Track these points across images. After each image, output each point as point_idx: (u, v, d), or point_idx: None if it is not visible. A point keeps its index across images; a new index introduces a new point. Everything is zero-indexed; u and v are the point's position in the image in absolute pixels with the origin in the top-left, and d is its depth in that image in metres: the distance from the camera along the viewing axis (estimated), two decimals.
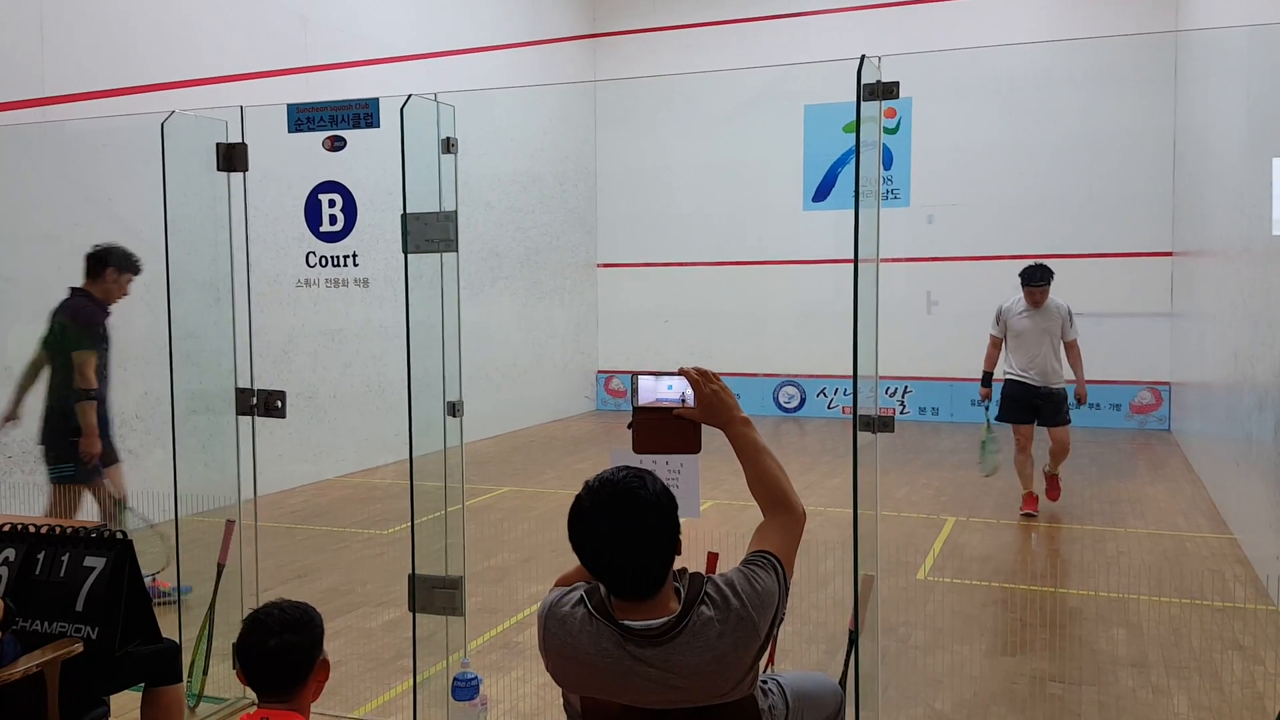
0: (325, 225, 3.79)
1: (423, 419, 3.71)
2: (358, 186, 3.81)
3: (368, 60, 9.94)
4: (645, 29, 14.21)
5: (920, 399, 12.94)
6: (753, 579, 2.10)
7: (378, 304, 7.87)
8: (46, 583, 2.95)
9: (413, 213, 3.55)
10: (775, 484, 2.30)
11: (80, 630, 2.89)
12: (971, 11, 12.80)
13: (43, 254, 7.09)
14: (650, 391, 2.36)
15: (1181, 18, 11.75)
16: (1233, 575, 6.03)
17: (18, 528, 3.07)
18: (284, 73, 8.87)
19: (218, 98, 7.94)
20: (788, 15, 13.56)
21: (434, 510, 3.75)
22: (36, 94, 6.83)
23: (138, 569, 3.00)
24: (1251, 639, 4.90)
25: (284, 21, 8.97)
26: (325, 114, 3.66)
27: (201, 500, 4.08)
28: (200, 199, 3.96)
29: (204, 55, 8.06)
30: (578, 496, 2.08)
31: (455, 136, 3.68)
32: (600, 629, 2.03)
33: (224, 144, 3.94)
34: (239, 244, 4.05)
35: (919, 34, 12.86)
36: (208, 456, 4.10)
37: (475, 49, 11.74)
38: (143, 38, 7.57)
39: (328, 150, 3.78)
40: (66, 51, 7.01)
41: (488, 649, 4.83)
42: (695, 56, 13.81)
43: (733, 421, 2.34)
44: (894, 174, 12.75)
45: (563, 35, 13.76)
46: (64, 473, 5.39)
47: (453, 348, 3.79)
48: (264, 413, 4.02)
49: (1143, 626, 5.09)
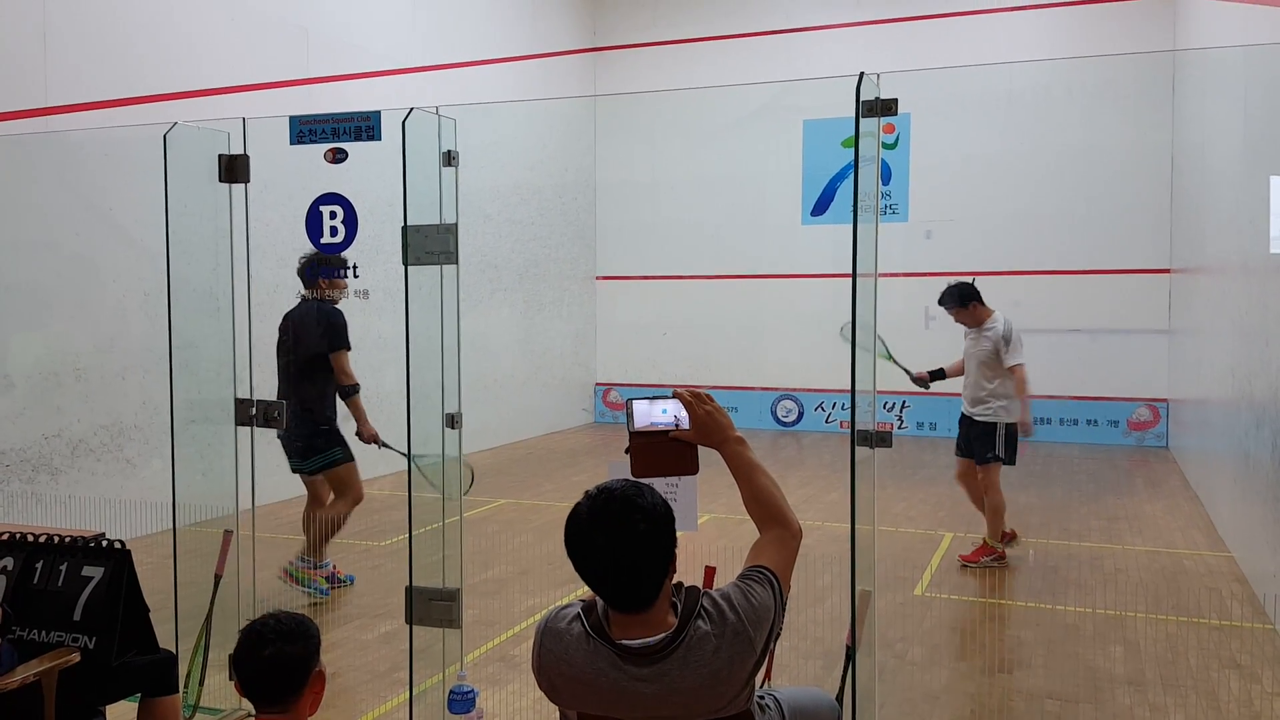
0: (326, 237, 3.80)
1: (421, 430, 3.72)
2: (357, 198, 3.83)
3: (369, 72, 9.98)
4: (645, 43, 14.28)
5: (918, 414, 12.95)
6: (749, 594, 2.11)
7: (377, 315, 7.88)
8: (44, 592, 2.95)
9: (413, 225, 3.57)
10: (771, 501, 2.31)
11: (78, 640, 2.89)
12: (970, 28, 12.86)
13: (44, 263, 7.10)
14: (645, 415, 2.37)
15: (1179, 36, 11.82)
16: (1230, 593, 6.03)
17: (16, 536, 3.07)
18: (285, 84, 8.91)
19: (219, 109, 7.97)
20: (787, 30, 13.62)
21: (431, 522, 3.75)
22: (39, 104, 6.85)
23: (135, 578, 3.01)
24: (1249, 657, 4.90)
25: (286, 33, 9.01)
26: (327, 126, 3.68)
27: (199, 510, 4.08)
28: (201, 210, 3.97)
29: (206, 67, 8.09)
30: (576, 504, 2.09)
31: (456, 150, 3.70)
32: (596, 648, 2.03)
33: (226, 155, 3.96)
34: (239, 254, 4.06)
35: (918, 50, 12.92)
36: (206, 466, 4.10)
37: (476, 62, 11.79)
38: (145, 49, 7.60)
39: (329, 162, 3.80)
40: (69, 62, 7.04)
41: (484, 661, 4.82)
42: (695, 70, 13.87)
43: (727, 441, 2.35)
44: (893, 189, 12.80)
45: (563, 49, 13.82)
46: (316, 464, 5.78)
47: (452, 360, 3.80)
48: (263, 423, 4.02)
49: (1140, 644, 5.08)
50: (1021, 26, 12.75)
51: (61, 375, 7.07)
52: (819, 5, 13.58)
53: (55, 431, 6.99)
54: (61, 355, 7.10)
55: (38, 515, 6.62)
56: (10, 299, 6.92)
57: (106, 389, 7.32)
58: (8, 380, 6.86)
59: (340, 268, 5.42)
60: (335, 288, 5.70)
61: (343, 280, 5.67)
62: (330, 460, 5.77)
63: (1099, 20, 12.45)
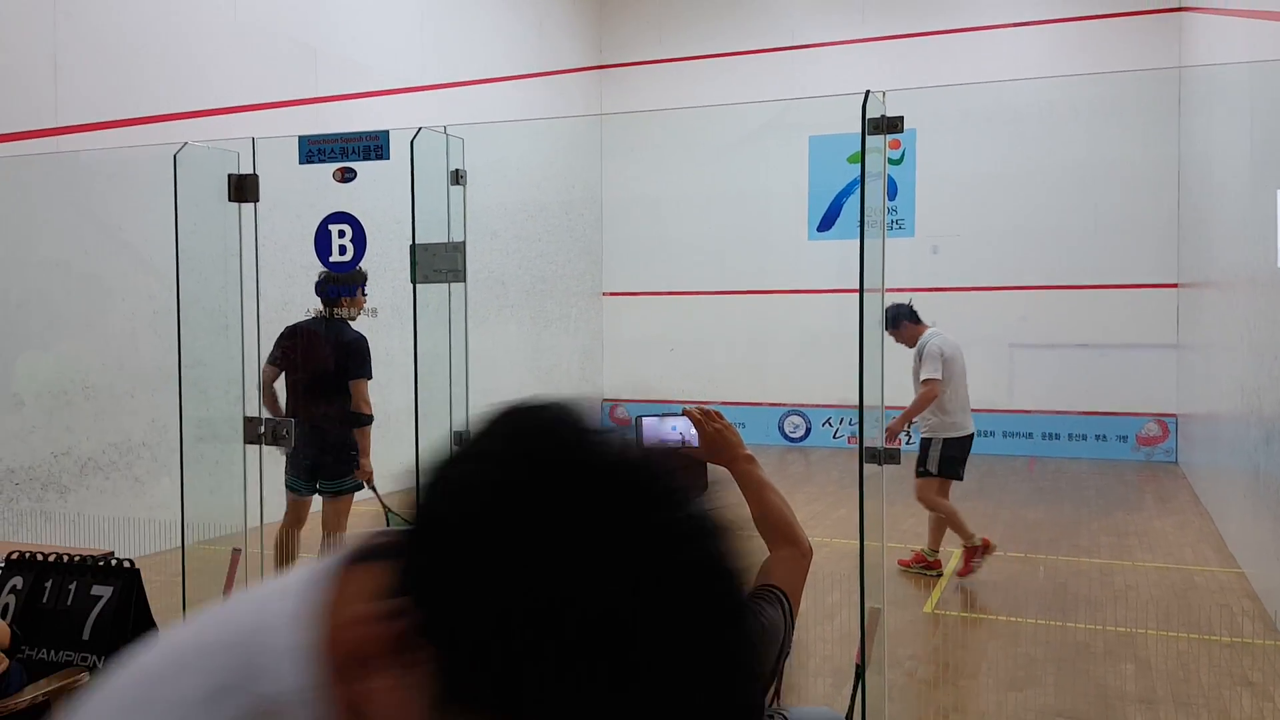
0: (335, 255, 3.82)
1: (430, 448, 3.72)
2: (365, 216, 3.85)
3: (377, 91, 10.04)
4: (652, 60, 14.34)
5: None
6: (758, 613, 2.10)
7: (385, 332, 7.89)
8: (53, 611, 2.96)
9: (421, 244, 3.58)
10: (781, 520, 2.30)
11: (86, 659, 2.89)
12: (976, 44, 12.90)
13: (54, 282, 7.14)
14: (654, 432, 2.37)
15: (1184, 52, 11.84)
16: (1241, 610, 5.99)
17: (25, 555, 3.08)
18: (294, 103, 8.96)
19: (228, 128, 8.01)
20: (793, 48, 13.68)
21: None
22: (50, 124, 6.90)
23: (144, 597, 3.01)
24: (1261, 675, 4.86)
25: (294, 53, 9.07)
26: (336, 146, 3.70)
27: (208, 528, 4.08)
28: (211, 229, 4.00)
29: (215, 86, 8.15)
30: None
31: (464, 168, 3.72)
32: None
33: (235, 175, 3.98)
34: (249, 273, 4.08)
35: (924, 66, 12.96)
36: (214, 484, 4.11)
37: (483, 80, 11.85)
38: (154, 69, 7.66)
39: (338, 181, 3.82)
40: (79, 82, 7.09)
41: None
42: (701, 88, 13.92)
43: (737, 460, 2.35)
44: (899, 204, 12.81)
45: (570, 67, 13.89)
46: (347, 485, 5.71)
47: (460, 377, 3.81)
48: (271, 441, 4.03)
49: (1151, 662, 5.05)
50: (1027, 43, 12.79)
51: (71, 393, 7.10)
52: (824, 23, 13.64)
53: (64, 449, 7.01)
54: (71, 373, 7.13)
55: (47, 533, 6.63)
56: (20, 317, 6.95)
57: (116, 407, 7.34)
58: (17, 398, 6.89)
59: (360, 285, 5.42)
60: (355, 305, 5.65)
61: (363, 299, 5.65)
62: (355, 484, 5.71)
63: (1105, 36, 12.47)
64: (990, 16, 12.93)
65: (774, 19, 13.83)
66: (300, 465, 5.69)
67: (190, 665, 0.69)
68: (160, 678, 0.69)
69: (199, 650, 0.70)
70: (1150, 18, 12.25)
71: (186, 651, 0.71)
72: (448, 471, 0.66)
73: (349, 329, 5.54)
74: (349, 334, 5.53)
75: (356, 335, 5.56)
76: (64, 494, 6.96)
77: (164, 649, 0.72)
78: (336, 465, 5.65)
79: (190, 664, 0.69)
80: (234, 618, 0.73)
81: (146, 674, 0.70)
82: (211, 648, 0.70)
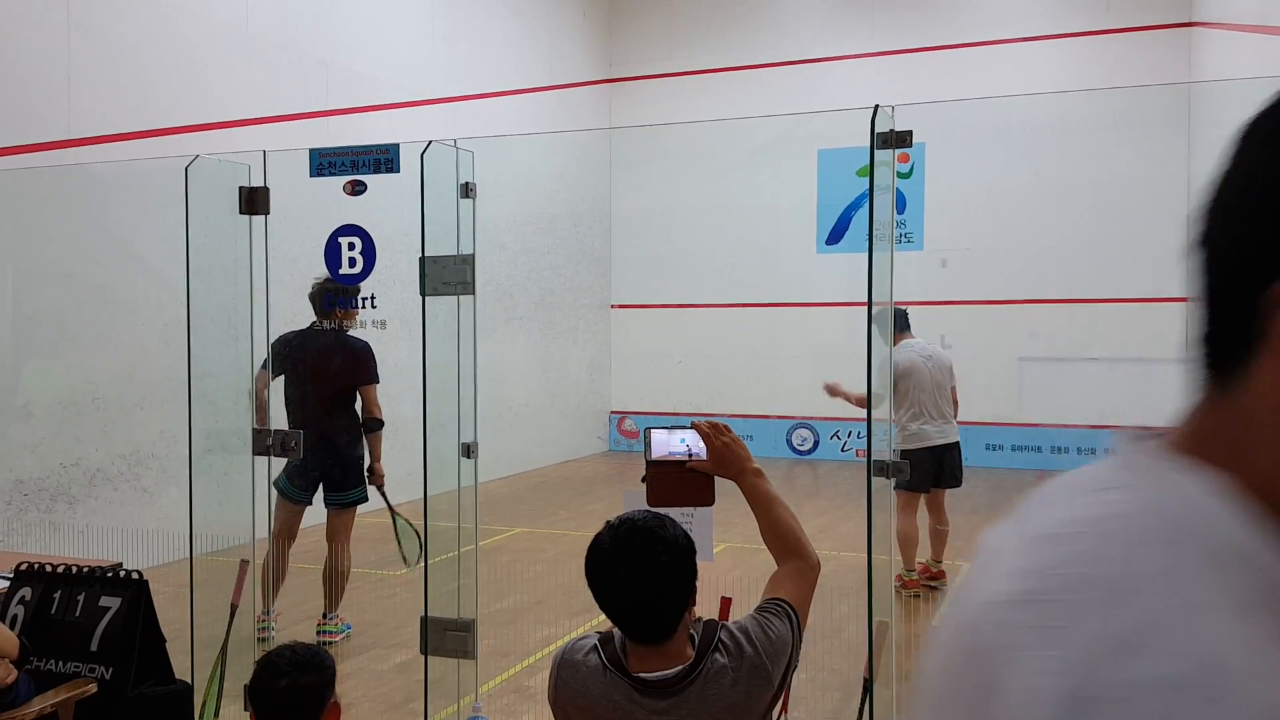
0: (345, 268, 3.83)
1: (437, 459, 3.72)
2: (375, 228, 3.86)
3: (387, 104, 10.09)
4: (661, 74, 14.39)
5: None
6: (767, 626, 2.10)
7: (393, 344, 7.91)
8: (62, 622, 2.96)
9: (430, 256, 3.59)
10: (789, 533, 2.30)
11: (94, 670, 2.89)
12: (985, 58, 12.92)
13: (64, 293, 7.18)
14: (663, 445, 2.38)
15: (1194, 67, 11.83)
16: None
17: (34, 566, 3.09)
18: (304, 116, 9.01)
19: (239, 141, 8.06)
20: (802, 62, 13.71)
21: (447, 551, 3.74)
22: (62, 136, 6.95)
23: (152, 608, 3.01)
24: None
25: (305, 66, 9.12)
26: (346, 159, 3.72)
27: (216, 539, 4.09)
28: (222, 241, 4.02)
29: (226, 99, 8.20)
30: (597, 535, 2.09)
31: (474, 181, 3.73)
32: (613, 681, 2.02)
33: (246, 188, 4.00)
34: (259, 285, 4.10)
35: (933, 80, 12.97)
36: (223, 496, 4.12)
37: (494, 93, 11.90)
38: (166, 82, 7.71)
39: (348, 194, 3.84)
40: (91, 95, 7.14)
41: (499, 693, 4.80)
42: (710, 101, 13.95)
43: (745, 473, 2.35)
44: (907, 218, 12.80)
45: (580, 80, 13.94)
46: (359, 495, 5.71)
47: (468, 389, 3.82)
48: (279, 453, 4.04)
49: None
50: (1037, 57, 12.80)
51: (80, 404, 7.12)
52: (833, 36, 13.67)
53: (73, 460, 7.03)
54: (80, 384, 7.16)
55: (55, 544, 6.65)
56: (31, 329, 6.99)
57: (125, 418, 7.36)
58: (27, 409, 6.92)
59: (355, 298, 5.43)
60: (350, 318, 5.69)
61: (355, 311, 5.68)
62: (361, 496, 5.72)
63: (1115, 51, 12.48)
64: (1000, 31, 12.95)
65: (783, 33, 13.87)
66: (305, 474, 5.69)
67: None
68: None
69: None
70: (1161, 33, 12.25)
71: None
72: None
73: (353, 337, 5.59)
74: (355, 342, 5.58)
75: (363, 343, 5.62)
76: (73, 505, 6.98)
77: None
78: (345, 477, 5.66)
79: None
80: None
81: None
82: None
